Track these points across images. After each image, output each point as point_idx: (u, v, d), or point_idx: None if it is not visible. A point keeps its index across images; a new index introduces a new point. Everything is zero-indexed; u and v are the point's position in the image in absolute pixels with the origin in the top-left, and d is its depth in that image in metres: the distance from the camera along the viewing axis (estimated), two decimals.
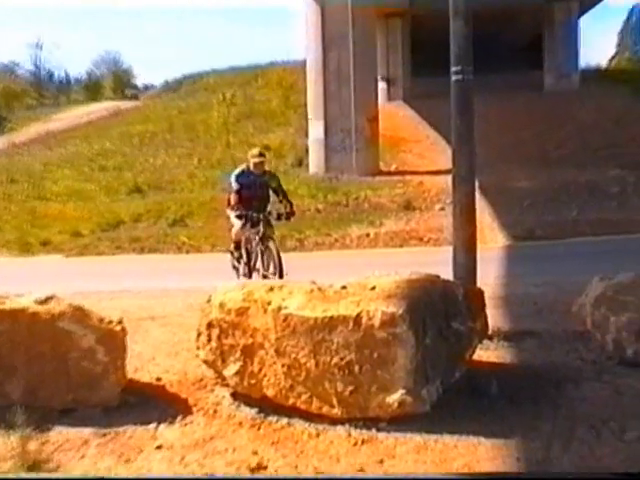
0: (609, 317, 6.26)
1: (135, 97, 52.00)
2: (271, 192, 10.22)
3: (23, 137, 32.21)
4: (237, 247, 10.20)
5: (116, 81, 64.86)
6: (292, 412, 5.42)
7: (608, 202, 17.61)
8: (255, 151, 10.27)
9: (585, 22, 37.64)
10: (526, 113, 26.43)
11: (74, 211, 18.88)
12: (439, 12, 9.90)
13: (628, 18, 61.19)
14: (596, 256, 12.01)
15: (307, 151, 22.21)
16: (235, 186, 9.83)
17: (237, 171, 10.05)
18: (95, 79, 66.05)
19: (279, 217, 10.15)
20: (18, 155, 27.48)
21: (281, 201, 10.23)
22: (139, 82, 68.80)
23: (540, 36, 34.71)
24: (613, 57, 55.80)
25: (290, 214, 10.14)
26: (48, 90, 65.54)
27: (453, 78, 6.98)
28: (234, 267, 10.27)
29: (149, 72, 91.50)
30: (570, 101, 27.86)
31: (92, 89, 62.94)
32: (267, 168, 10.36)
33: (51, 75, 68.16)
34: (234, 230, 10.14)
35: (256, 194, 9.95)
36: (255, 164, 9.91)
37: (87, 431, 5.33)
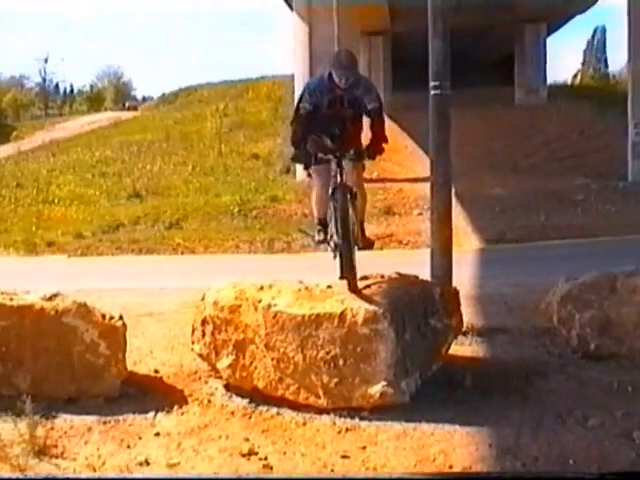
0: (574, 314, 6.30)
1: (134, 108, 51.94)
2: None
3: (29, 145, 32.12)
4: None
5: (117, 93, 64.96)
6: (281, 402, 5.43)
7: (573, 208, 17.70)
8: None
9: (551, 39, 37.74)
10: (498, 125, 26.58)
11: (77, 214, 18.82)
12: (418, 30, 9.93)
13: (592, 37, 61.63)
14: (562, 258, 12.06)
15: None
16: None
17: None
18: (97, 91, 66.09)
19: None
20: (24, 161, 27.38)
21: None
22: (138, 94, 68.99)
23: (511, 54, 34.98)
24: (576, 74, 56.17)
25: None
26: (53, 101, 65.50)
27: (432, 92, 7.01)
28: None
29: (148, 85, 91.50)
30: (538, 114, 28.04)
31: (94, 100, 63.03)
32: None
33: (57, 87, 68.15)
34: None
35: None
36: None
37: (90, 419, 5.34)
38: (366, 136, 6.31)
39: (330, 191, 6.06)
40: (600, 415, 5.08)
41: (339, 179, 5.99)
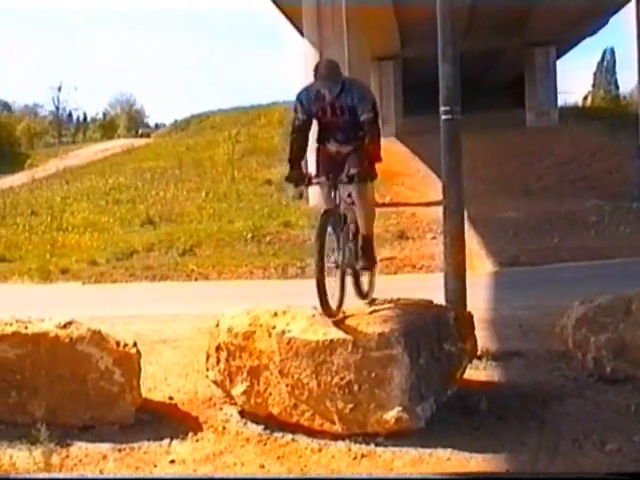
0: (589, 337, 6.27)
1: (147, 135, 52.24)
2: None
3: (43, 172, 32.31)
4: None
5: (129, 120, 65.39)
6: (296, 429, 5.42)
7: (587, 230, 17.63)
8: None
9: (561, 61, 37.85)
10: (510, 148, 26.57)
11: (91, 241, 18.89)
12: (429, 55, 9.97)
13: (602, 59, 61.75)
14: (577, 281, 12.02)
15: None
16: None
17: None
18: (110, 119, 66.59)
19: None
20: (38, 189, 27.53)
21: None
22: (151, 121, 69.42)
23: (522, 77, 35.05)
24: (586, 96, 56.21)
25: None
26: (67, 129, 66.02)
27: (442, 117, 7.04)
28: None
29: (160, 112, 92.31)
30: (550, 137, 28.00)
31: (107, 128, 63.45)
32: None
33: (70, 115, 68.73)
34: None
35: None
36: None
37: (105, 447, 5.33)
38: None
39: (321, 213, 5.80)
40: (618, 439, 5.04)
41: (331, 202, 5.85)
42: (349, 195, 6.04)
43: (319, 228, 5.58)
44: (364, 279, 6.31)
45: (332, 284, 5.59)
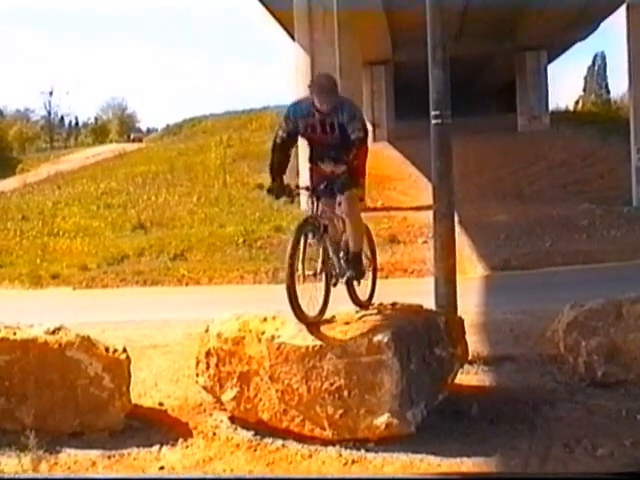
0: (580, 341, 6.27)
1: (139, 140, 52.19)
2: None
3: (35, 177, 32.23)
4: None
5: (121, 125, 65.34)
6: (286, 434, 5.39)
7: (579, 234, 17.66)
8: None
9: (552, 66, 37.99)
10: (501, 152, 26.62)
11: (82, 246, 18.81)
12: (420, 60, 9.97)
13: (593, 63, 62.04)
14: (568, 285, 12.02)
15: None
16: None
17: None
18: (102, 123, 66.51)
19: None
20: (30, 194, 27.44)
21: None
22: (143, 126, 69.33)
23: (513, 81, 35.15)
24: (577, 101, 56.46)
25: None
26: (59, 134, 65.91)
27: (433, 122, 7.04)
28: None
29: (152, 116, 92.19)
30: (541, 141, 28.08)
31: (99, 133, 63.44)
32: None
33: (62, 120, 68.60)
34: None
35: None
36: None
37: (94, 453, 5.30)
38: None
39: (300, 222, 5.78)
40: (609, 444, 5.03)
41: (312, 212, 5.81)
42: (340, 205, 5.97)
43: (293, 236, 5.58)
44: (363, 287, 6.21)
45: (308, 291, 5.55)
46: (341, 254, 6.00)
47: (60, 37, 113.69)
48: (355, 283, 6.09)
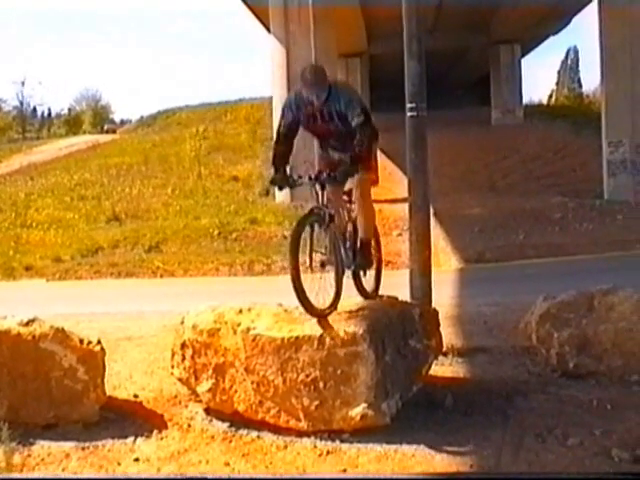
0: (553, 333, 6.33)
1: (113, 131, 51.82)
2: None
3: (7, 168, 31.88)
4: None
5: (95, 116, 64.82)
6: (261, 426, 5.40)
7: (551, 227, 17.81)
8: None
9: (526, 60, 38.21)
10: (476, 145, 26.78)
11: (55, 238, 18.66)
12: (395, 52, 9.98)
13: (566, 57, 62.52)
14: (541, 277, 12.14)
15: None
16: None
17: None
18: (75, 114, 65.94)
19: None
20: (2, 185, 27.15)
21: None
22: (117, 117, 68.84)
23: (488, 75, 35.35)
24: (551, 94, 56.85)
25: None
26: (31, 124, 65.24)
27: (408, 114, 7.05)
28: None
29: (126, 108, 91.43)
30: (515, 134, 28.29)
31: (73, 124, 62.88)
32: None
33: (34, 110, 67.93)
34: None
35: None
36: None
37: (68, 445, 5.27)
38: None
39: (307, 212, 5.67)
40: (580, 434, 5.09)
41: (317, 201, 5.69)
42: (346, 194, 6.00)
43: (296, 227, 5.49)
44: (369, 278, 6.22)
45: (316, 282, 5.48)
46: (347, 244, 5.97)
47: (33, 28, 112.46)
48: (361, 273, 6.08)
